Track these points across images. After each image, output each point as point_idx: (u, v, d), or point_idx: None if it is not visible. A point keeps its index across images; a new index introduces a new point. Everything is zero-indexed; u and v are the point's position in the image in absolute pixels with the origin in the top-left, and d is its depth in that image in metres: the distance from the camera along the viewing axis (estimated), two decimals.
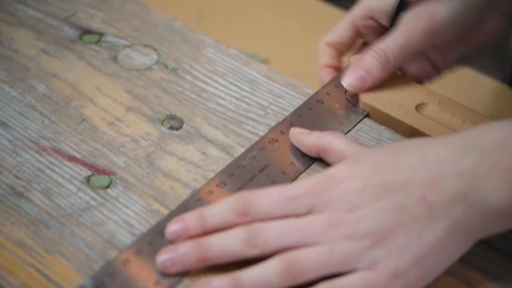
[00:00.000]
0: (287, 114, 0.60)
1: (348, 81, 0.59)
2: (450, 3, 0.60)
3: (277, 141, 0.56)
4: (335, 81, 0.61)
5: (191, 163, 0.57)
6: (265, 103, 0.61)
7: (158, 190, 0.55)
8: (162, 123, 0.60)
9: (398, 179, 0.48)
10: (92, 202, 0.54)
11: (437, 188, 0.47)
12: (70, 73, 0.64)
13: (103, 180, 0.55)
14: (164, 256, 0.48)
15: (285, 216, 0.49)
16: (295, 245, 0.47)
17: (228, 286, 0.46)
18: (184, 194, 0.54)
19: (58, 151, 0.57)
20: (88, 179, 0.55)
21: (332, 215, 0.48)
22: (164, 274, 0.48)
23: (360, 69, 0.59)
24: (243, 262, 0.48)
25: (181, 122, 0.60)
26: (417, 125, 0.57)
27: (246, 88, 0.63)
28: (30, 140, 0.58)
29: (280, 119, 0.59)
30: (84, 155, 0.57)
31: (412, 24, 0.60)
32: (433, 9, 0.60)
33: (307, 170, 0.55)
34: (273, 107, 0.61)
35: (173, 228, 0.50)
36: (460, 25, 0.61)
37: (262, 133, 0.58)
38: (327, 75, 0.62)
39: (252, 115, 0.60)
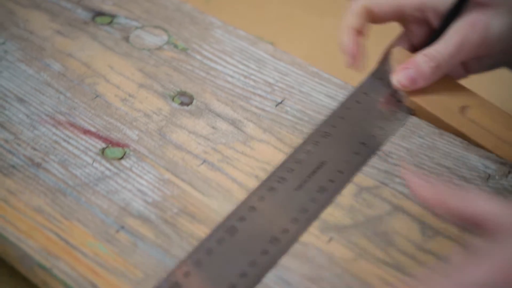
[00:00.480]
0: (293, 91, 0.62)
1: (398, 78, 0.59)
2: (504, 17, 0.59)
3: (330, 135, 0.57)
4: (378, 74, 0.61)
5: (201, 136, 0.59)
6: (271, 81, 0.64)
7: (170, 161, 0.57)
8: (173, 99, 0.62)
9: None
10: (107, 172, 0.56)
11: None
12: (83, 52, 0.66)
13: (117, 152, 0.58)
14: None
15: None
16: None
17: None
18: (194, 165, 0.57)
19: (73, 125, 0.60)
20: (102, 151, 0.58)
21: None
22: None
23: (412, 69, 0.59)
24: None
25: (191, 98, 0.62)
26: (462, 128, 0.58)
27: (253, 66, 0.65)
28: (47, 115, 0.60)
29: (287, 95, 0.61)
30: (99, 129, 0.60)
31: (466, 35, 0.59)
32: (488, 21, 0.59)
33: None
34: (280, 84, 0.64)
35: None
36: (510, 39, 0.60)
37: (269, 109, 0.61)
38: (349, 37, 0.61)
39: (259, 92, 0.63)
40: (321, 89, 0.63)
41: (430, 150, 0.58)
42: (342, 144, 0.56)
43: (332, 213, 0.54)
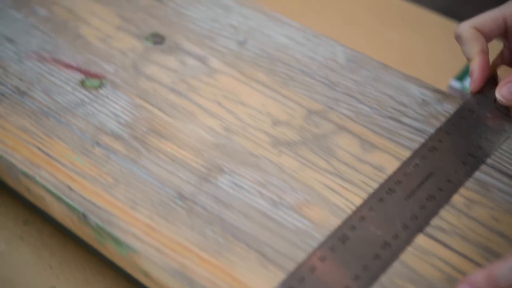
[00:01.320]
0: (255, 32, 0.69)
1: (501, 92, 0.59)
2: None
3: (436, 149, 0.58)
4: (485, 92, 0.62)
5: (170, 69, 0.66)
6: (236, 24, 0.71)
7: (142, 90, 0.64)
8: (147, 39, 0.69)
9: None
10: (86, 99, 0.64)
11: None
12: (68, 0, 0.73)
13: (95, 82, 0.65)
14: None
15: None
16: None
17: None
18: (163, 93, 0.64)
19: (56, 61, 0.67)
20: (82, 81, 0.65)
21: None
22: None
23: None
24: None
25: (163, 38, 0.69)
26: None
27: (220, 11, 0.72)
28: (33, 52, 0.67)
29: (249, 36, 0.68)
30: (79, 64, 0.67)
31: None
32: None
33: None
34: (243, 27, 0.71)
35: None
36: None
37: (233, 47, 0.68)
38: (481, 63, 0.61)
39: (225, 33, 0.70)
40: (280, 31, 0.70)
41: (374, 81, 0.65)
42: (449, 156, 0.57)
43: (284, 132, 0.61)
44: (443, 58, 0.83)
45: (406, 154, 0.59)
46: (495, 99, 0.60)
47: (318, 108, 0.63)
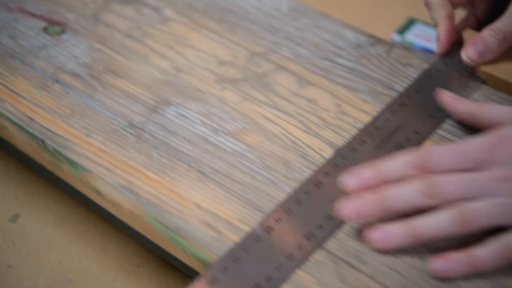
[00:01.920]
0: None
1: (467, 54, 0.63)
2: None
3: (406, 105, 0.62)
4: (452, 53, 0.66)
5: (127, 18, 0.72)
6: None
7: (100, 36, 0.70)
8: None
9: None
10: (48, 43, 0.69)
11: None
12: None
13: (57, 29, 0.71)
14: (349, 207, 0.51)
15: (458, 171, 0.51)
16: (468, 197, 0.50)
17: (405, 230, 0.50)
18: (120, 38, 0.70)
19: (22, 10, 0.73)
20: (45, 28, 0.71)
21: (504, 171, 0.50)
22: (318, 229, 0.53)
23: (479, 44, 0.62)
24: None
25: None
26: None
27: None
28: (1, 3, 0.73)
29: None
30: (43, 13, 0.72)
31: None
32: None
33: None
34: None
35: (351, 182, 0.52)
36: None
37: (188, 0, 0.74)
38: (447, 27, 0.65)
39: None
40: None
41: (314, 28, 0.71)
42: (418, 111, 0.61)
43: (228, 71, 0.67)
44: (386, 14, 0.89)
45: (338, 89, 0.65)
46: (461, 59, 0.65)
47: (260, 51, 0.69)
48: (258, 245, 0.52)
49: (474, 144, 0.52)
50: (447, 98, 0.60)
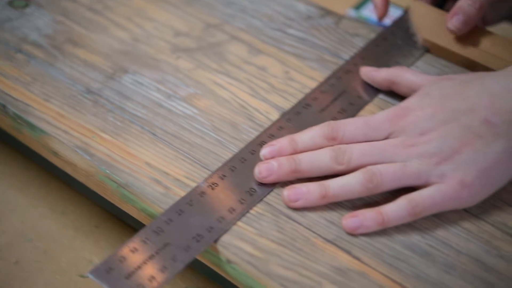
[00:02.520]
0: None
1: (452, 24, 0.65)
2: None
3: (351, 72, 0.65)
4: (399, 23, 0.70)
5: None
6: None
7: (63, 9, 0.73)
8: None
9: (464, 106, 0.54)
10: (12, 16, 0.72)
11: (499, 111, 0.53)
12: None
13: (21, 3, 0.74)
14: (262, 167, 0.55)
15: (367, 141, 0.56)
16: (375, 162, 0.54)
17: (317, 190, 0.54)
18: (82, 11, 0.72)
19: None
20: (10, 2, 0.74)
21: (407, 138, 0.55)
22: (260, 184, 0.56)
23: (460, 14, 0.65)
24: None
25: None
26: (473, 57, 0.65)
27: None
28: None
29: None
30: None
31: None
32: None
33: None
34: None
35: (267, 150, 0.57)
36: None
37: None
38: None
39: None
40: None
41: (268, 1, 0.74)
42: (361, 77, 0.64)
43: (183, 41, 0.70)
44: None
45: (287, 57, 0.68)
46: (407, 28, 0.69)
47: (215, 22, 0.72)
48: (202, 199, 0.55)
49: (380, 115, 0.57)
50: (364, 69, 0.64)
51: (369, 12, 0.85)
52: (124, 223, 0.65)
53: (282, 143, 0.57)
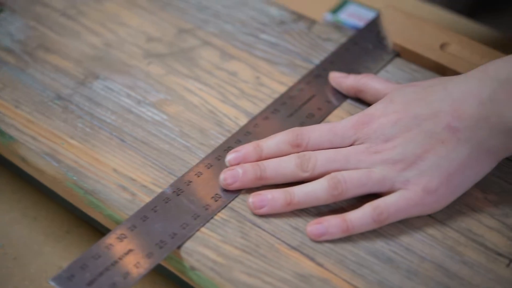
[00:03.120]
0: None
1: None
2: None
3: (321, 76, 0.65)
4: (369, 28, 0.70)
5: None
6: None
7: (35, 14, 0.73)
8: None
9: (427, 111, 0.54)
10: None
11: (462, 116, 0.53)
12: None
13: None
14: (227, 174, 0.56)
15: (332, 148, 0.56)
16: (340, 169, 0.54)
17: (282, 197, 0.54)
18: (55, 16, 0.72)
19: None
20: None
21: (371, 145, 0.55)
22: (225, 190, 0.56)
23: None
24: None
25: None
26: (442, 61, 0.65)
27: None
28: None
29: None
30: None
31: None
32: None
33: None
34: None
35: (232, 156, 0.57)
36: None
37: None
38: None
39: None
40: None
41: (242, 6, 0.74)
42: (330, 83, 0.64)
43: (155, 47, 0.70)
44: None
45: (259, 62, 0.68)
46: (377, 33, 0.69)
47: (188, 27, 0.72)
48: (167, 205, 0.55)
49: (345, 122, 0.57)
50: (333, 75, 0.64)
51: (346, 16, 0.85)
52: (96, 229, 0.65)
53: (248, 149, 0.57)
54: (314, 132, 0.57)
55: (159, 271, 0.59)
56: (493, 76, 0.53)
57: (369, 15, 0.79)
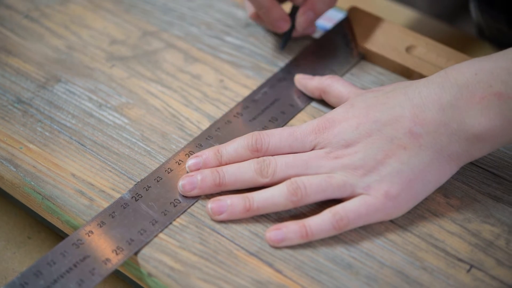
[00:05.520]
0: None
1: (300, 22, 0.66)
2: None
3: (285, 79, 0.65)
4: (336, 30, 0.70)
5: (28, 0, 0.74)
6: None
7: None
8: None
9: (388, 117, 0.53)
10: None
11: (422, 122, 0.52)
12: None
13: None
14: (185, 180, 0.55)
15: (292, 153, 0.56)
16: (300, 174, 0.54)
17: (241, 203, 0.53)
18: (18, 18, 0.71)
19: None
20: None
21: (331, 150, 0.54)
22: (184, 196, 0.55)
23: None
24: None
25: None
26: (407, 64, 0.65)
27: None
28: None
29: None
30: None
31: None
32: None
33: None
34: None
35: (192, 161, 0.56)
36: None
37: None
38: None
39: None
40: None
41: (207, 8, 0.74)
42: (295, 85, 0.64)
43: (119, 49, 0.69)
44: None
45: (223, 65, 0.67)
46: (344, 35, 0.69)
47: (152, 30, 0.71)
48: (125, 210, 0.55)
49: (305, 127, 0.56)
50: (298, 76, 0.63)
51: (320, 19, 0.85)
52: (57, 235, 0.64)
53: (208, 154, 0.56)
54: (274, 137, 0.56)
55: (120, 277, 0.58)
56: (453, 81, 0.52)
57: (338, 16, 0.78)
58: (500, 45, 0.78)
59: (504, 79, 0.51)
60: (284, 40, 0.67)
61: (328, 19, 0.83)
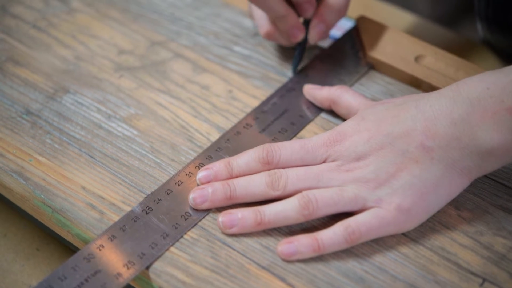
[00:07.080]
0: None
1: (312, 37, 0.65)
2: None
3: (294, 90, 0.65)
4: (344, 39, 0.69)
5: (34, 9, 0.74)
6: None
7: (6, 26, 0.72)
8: None
9: (400, 130, 0.53)
10: None
11: (434, 135, 0.52)
12: None
13: None
14: (196, 193, 0.55)
15: (303, 165, 0.55)
16: (311, 187, 0.54)
17: (252, 217, 0.53)
18: (25, 28, 0.71)
19: None
20: None
21: (343, 163, 0.54)
22: (195, 209, 0.55)
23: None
24: None
25: None
26: (416, 74, 0.64)
27: None
28: None
29: None
30: None
31: None
32: None
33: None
34: None
35: (202, 174, 0.56)
36: None
37: None
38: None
39: None
40: None
41: (215, 17, 0.73)
42: (304, 96, 0.63)
43: (127, 60, 0.69)
44: None
45: (231, 75, 0.67)
46: (352, 45, 0.68)
47: (160, 39, 0.71)
48: (136, 224, 0.54)
49: (316, 139, 0.56)
50: (307, 87, 0.63)
51: None
52: (66, 247, 0.64)
53: (218, 167, 0.56)
54: (285, 149, 0.56)
55: None
56: (464, 95, 0.52)
57: (347, 25, 0.78)
58: (508, 55, 0.78)
59: None
60: (296, 62, 0.66)
61: (337, 27, 0.82)
